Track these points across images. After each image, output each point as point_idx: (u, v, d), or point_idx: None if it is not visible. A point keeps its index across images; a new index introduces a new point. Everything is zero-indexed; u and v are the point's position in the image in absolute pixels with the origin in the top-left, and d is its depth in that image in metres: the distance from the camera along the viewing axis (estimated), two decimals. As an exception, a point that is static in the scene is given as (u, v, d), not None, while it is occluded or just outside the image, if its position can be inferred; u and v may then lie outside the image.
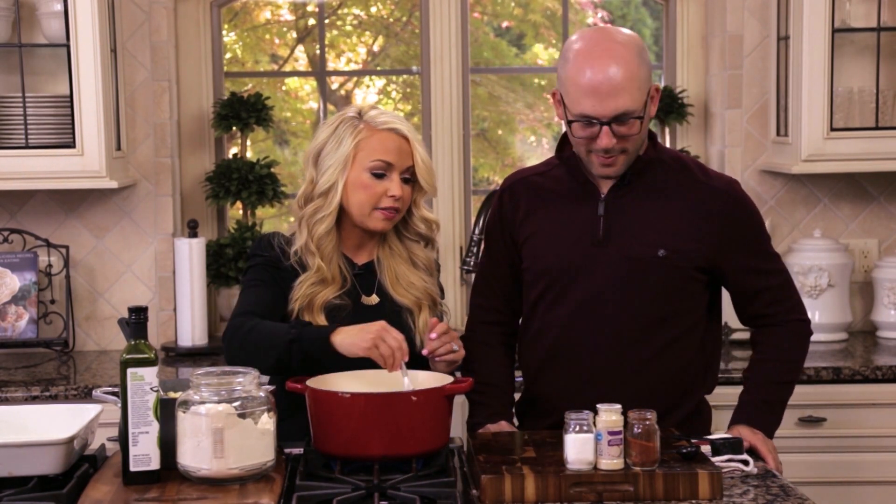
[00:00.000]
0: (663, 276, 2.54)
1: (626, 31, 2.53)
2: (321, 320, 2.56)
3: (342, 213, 2.63)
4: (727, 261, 2.58)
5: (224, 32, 4.22)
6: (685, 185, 2.58)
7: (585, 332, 2.57)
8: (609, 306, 2.55)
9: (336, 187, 2.59)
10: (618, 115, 2.44)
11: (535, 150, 4.63)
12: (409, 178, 2.61)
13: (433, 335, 2.49)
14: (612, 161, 2.51)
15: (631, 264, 2.54)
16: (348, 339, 2.40)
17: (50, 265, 3.85)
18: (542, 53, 4.55)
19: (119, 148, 3.78)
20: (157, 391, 2.18)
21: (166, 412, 2.18)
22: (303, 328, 2.47)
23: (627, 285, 2.54)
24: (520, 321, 2.74)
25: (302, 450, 2.41)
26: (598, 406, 2.20)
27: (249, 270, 2.66)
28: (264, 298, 2.58)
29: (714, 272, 2.60)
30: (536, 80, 4.51)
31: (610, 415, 2.19)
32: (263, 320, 2.52)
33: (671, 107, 4.00)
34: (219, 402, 2.15)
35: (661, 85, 4.13)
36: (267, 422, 2.18)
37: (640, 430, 2.19)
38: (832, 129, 3.65)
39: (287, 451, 2.42)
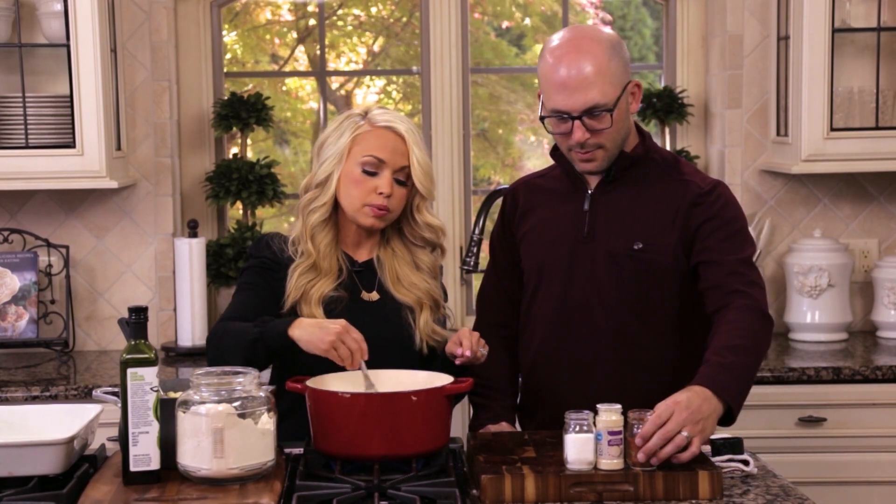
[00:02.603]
0: (641, 269, 2.55)
1: (605, 29, 2.60)
2: (319, 314, 2.56)
3: (340, 207, 2.64)
4: (695, 244, 2.53)
5: (224, 32, 4.22)
6: (669, 181, 2.59)
7: (570, 328, 2.60)
8: (591, 301, 2.58)
9: (331, 178, 2.62)
10: (588, 109, 2.48)
11: (535, 149, 4.63)
12: (404, 180, 2.62)
13: (466, 352, 2.47)
14: (591, 156, 2.54)
15: (610, 259, 2.56)
16: (306, 335, 2.41)
17: (50, 265, 3.85)
18: (542, 53, 4.54)
19: (119, 148, 3.78)
20: (157, 391, 2.18)
21: (166, 412, 2.18)
22: (265, 325, 2.48)
23: (607, 280, 2.56)
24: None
25: (302, 450, 2.41)
26: (597, 406, 2.21)
27: (243, 273, 2.67)
28: (249, 303, 2.60)
29: (693, 268, 2.56)
30: (536, 80, 4.51)
31: (610, 415, 2.19)
32: (236, 322, 2.53)
33: (671, 107, 3.99)
34: (219, 402, 2.15)
35: (662, 85, 4.14)
36: (267, 422, 2.18)
37: (640, 430, 2.19)
38: (832, 129, 3.65)
39: (287, 451, 2.42)
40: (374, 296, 2.65)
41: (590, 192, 2.61)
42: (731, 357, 2.37)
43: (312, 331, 2.41)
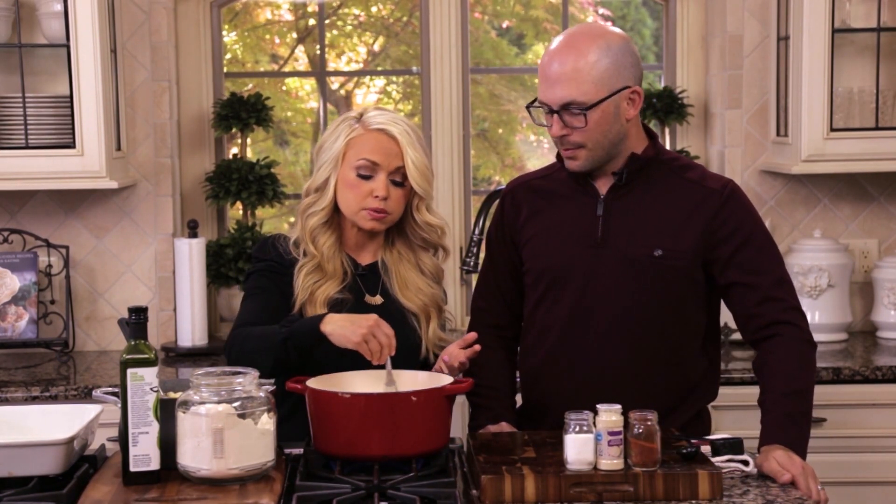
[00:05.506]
0: (660, 275, 2.53)
1: (613, 29, 2.56)
2: None
3: (340, 211, 2.65)
4: (720, 259, 2.54)
5: (224, 32, 4.22)
6: (682, 185, 2.57)
7: (584, 334, 2.57)
8: (607, 307, 2.55)
9: (329, 183, 2.63)
10: (564, 104, 2.48)
11: (535, 150, 4.64)
12: (401, 181, 2.61)
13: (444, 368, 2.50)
14: (572, 154, 2.54)
15: (628, 264, 2.53)
16: (339, 330, 2.41)
17: (50, 265, 3.85)
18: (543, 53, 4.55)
19: (119, 148, 3.78)
20: (156, 391, 2.18)
21: (166, 412, 2.19)
22: (292, 324, 2.48)
23: (625, 286, 2.54)
24: (521, 325, 2.74)
25: (302, 450, 2.41)
26: (597, 406, 2.20)
27: (250, 277, 2.67)
28: (263, 307, 2.60)
29: (709, 272, 2.58)
30: (537, 80, 4.51)
31: (610, 415, 2.19)
32: (257, 326, 2.53)
33: (671, 107, 3.99)
34: (219, 402, 2.15)
35: (662, 85, 4.14)
36: (267, 422, 2.18)
37: (640, 431, 2.18)
38: (832, 130, 3.65)
39: (287, 451, 2.42)
40: (378, 299, 2.65)
41: (602, 196, 2.58)
42: (793, 405, 2.45)
43: (344, 324, 2.41)
